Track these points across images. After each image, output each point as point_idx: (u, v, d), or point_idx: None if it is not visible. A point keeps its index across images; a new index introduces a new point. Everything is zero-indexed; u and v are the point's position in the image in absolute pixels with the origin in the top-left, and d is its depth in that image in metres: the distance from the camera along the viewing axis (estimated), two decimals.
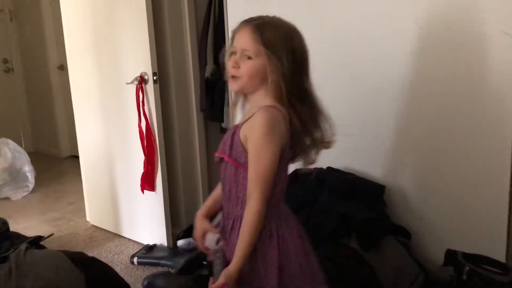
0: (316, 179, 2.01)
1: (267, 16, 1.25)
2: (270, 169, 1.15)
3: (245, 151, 1.18)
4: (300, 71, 1.22)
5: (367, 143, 2.04)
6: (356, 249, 1.74)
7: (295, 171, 2.10)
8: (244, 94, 1.28)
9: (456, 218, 1.84)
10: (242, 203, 1.20)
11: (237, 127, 1.23)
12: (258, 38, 1.19)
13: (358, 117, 2.06)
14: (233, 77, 1.24)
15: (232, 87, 1.27)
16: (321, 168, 2.09)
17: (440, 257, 1.79)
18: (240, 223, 1.18)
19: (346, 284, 1.58)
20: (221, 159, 1.25)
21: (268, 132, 1.14)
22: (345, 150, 2.10)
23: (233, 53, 1.23)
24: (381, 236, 1.80)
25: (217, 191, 1.34)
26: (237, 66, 1.21)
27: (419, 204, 1.94)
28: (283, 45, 1.19)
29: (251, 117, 1.19)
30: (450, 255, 1.74)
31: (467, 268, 1.63)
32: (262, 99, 1.21)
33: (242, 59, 1.21)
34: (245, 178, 1.18)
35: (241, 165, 1.19)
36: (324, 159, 2.11)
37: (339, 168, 2.09)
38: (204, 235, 1.29)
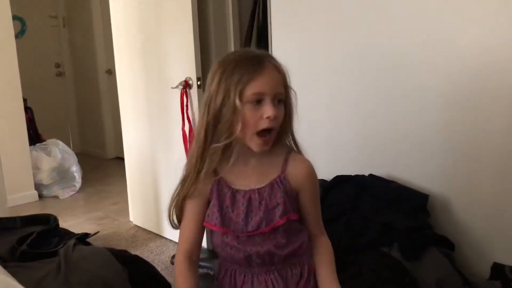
0: (357, 186, 2.00)
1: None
2: None
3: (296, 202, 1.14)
4: None
5: (410, 151, 2.01)
6: (397, 258, 1.71)
7: (337, 177, 2.09)
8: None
9: (504, 229, 1.78)
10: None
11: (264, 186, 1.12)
12: (285, 76, 1.08)
13: (401, 124, 2.03)
14: (268, 130, 1.05)
15: (264, 148, 1.07)
16: (363, 175, 2.07)
17: (486, 271, 1.73)
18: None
19: None
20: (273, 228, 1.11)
21: None
22: (388, 157, 2.08)
23: (257, 100, 1.02)
24: (424, 247, 1.76)
25: None
26: (276, 114, 1.03)
27: (464, 214, 1.89)
28: None
29: (287, 166, 1.13)
30: (497, 269, 1.68)
31: None
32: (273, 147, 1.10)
33: (276, 105, 1.04)
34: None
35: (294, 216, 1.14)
36: (367, 166, 2.11)
37: (381, 176, 2.06)
38: None
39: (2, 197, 2.78)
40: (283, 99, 1.07)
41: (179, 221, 1.18)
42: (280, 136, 1.11)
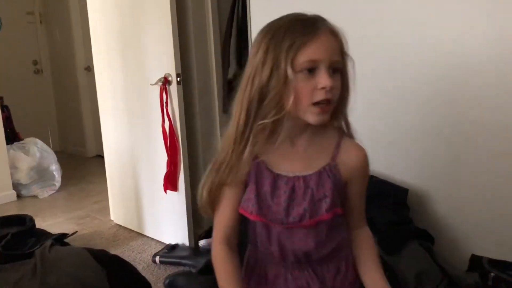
0: None
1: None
2: None
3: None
4: None
5: (390, 146, 2.02)
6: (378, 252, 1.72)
7: None
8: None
9: (481, 222, 1.80)
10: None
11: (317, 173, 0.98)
12: (342, 42, 0.96)
13: (381, 120, 2.03)
14: (327, 103, 0.92)
15: (324, 118, 0.93)
16: None
17: (464, 263, 1.75)
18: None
19: None
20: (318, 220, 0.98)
21: None
22: (368, 152, 2.08)
23: (310, 68, 0.90)
24: (404, 240, 1.77)
25: None
26: (332, 85, 0.90)
27: (443, 208, 1.90)
28: None
29: (337, 152, 1.00)
30: (475, 260, 1.70)
31: (493, 274, 1.59)
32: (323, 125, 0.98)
33: (331, 75, 0.91)
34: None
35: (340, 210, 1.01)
36: None
37: None
38: None
39: None
40: (339, 68, 0.94)
41: (214, 209, 1.05)
42: (332, 114, 0.97)
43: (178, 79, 2.47)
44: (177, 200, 2.63)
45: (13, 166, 3.76)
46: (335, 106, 0.96)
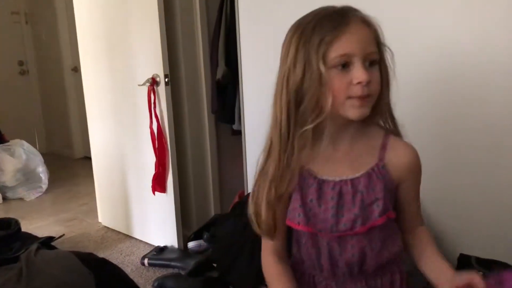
0: None
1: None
2: None
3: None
4: None
5: None
6: None
7: None
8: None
9: (470, 222, 1.81)
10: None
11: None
12: (377, 32, 0.91)
13: None
14: (366, 97, 0.86)
15: (364, 111, 0.87)
16: None
17: (453, 262, 1.76)
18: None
19: None
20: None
21: None
22: None
23: (344, 63, 0.85)
24: None
25: None
26: (369, 79, 0.85)
27: (432, 208, 1.91)
28: None
29: (385, 153, 0.94)
30: (463, 260, 1.71)
31: (481, 273, 1.60)
32: (363, 123, 0.93)
33: (368, 68, 0.86)
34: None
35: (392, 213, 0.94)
36: None
37: None
38: None
39: None
40: (376, 59, 0.88)
41: (276, 226, 0.97)
42: (374, 110, 0.91)
43: (166, 79, 2.45)
44: (165, 202, 2.61)
45: None
46: (376, 101, 0.91)
